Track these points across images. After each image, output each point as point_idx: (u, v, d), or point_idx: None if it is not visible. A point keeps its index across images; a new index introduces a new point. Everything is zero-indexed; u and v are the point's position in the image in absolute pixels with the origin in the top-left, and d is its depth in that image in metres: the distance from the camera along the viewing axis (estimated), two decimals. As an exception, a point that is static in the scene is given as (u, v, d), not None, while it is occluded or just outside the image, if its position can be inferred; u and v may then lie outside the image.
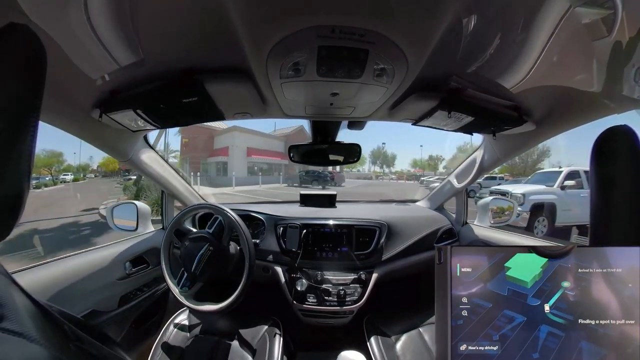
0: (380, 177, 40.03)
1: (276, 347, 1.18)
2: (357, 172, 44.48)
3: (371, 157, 48.40)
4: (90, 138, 1.06)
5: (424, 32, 0.59)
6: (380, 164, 47.15)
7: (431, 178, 22.83)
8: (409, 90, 0.88)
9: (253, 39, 0.63)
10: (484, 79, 0.82)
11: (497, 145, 1.32)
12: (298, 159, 1.42)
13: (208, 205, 1.29)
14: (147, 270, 1.40)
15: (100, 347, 0.42)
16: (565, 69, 0.71)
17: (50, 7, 0.53)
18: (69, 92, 0.81)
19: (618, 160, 0.48)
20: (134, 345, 1.30)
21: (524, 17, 0.57)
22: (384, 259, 1.42)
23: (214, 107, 0.94)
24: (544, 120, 0.99)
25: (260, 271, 1.42)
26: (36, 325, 0.33)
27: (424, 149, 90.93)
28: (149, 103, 0.86)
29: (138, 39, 0.64)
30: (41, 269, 1.01)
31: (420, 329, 1.28)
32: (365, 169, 48.30)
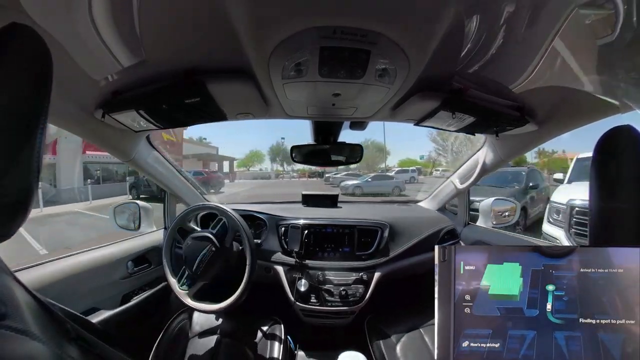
0: (281, 176, 34.86)
1: (277, 347, 1.18)
2: (260, 170, 39.61)
3: (270, 154, 40.59)
4: (93, 138, 1.07)
5: (425, 33, 0.59)
6: (281, 161, 38.99)
7: (339, 175, 20.12)
8: (411, 91, 0.88)
9: (255, 40, 0.63)
10: (486, 79, 0.82)
11: (500, 145, 1.32)
12: (300, 159, 1.42)
13: (210, 205, 1.29)
14: (149, 270, 1.40)
15: (102, 346, 0.43)
16: (568, 68, 0.70)
17: (53, 8, 0.53)
18: (72, 93, 0.82)
19: (621, 160, 0.47)
20: (135, 344, 1.31)
21: (527, 16, 0.57)
22: (386, 260, 1.42)
23: (216, 108, 0.94)
24: (547, 121, 0.98)
25: (262, 271, 1.42)
26: (38, 323, 0.33)
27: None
28: (152, 103, 0.86)
29: (141, 40, 0.64)
30: (44, 267, 1.02)
31: (421, 329, 1.28)
32: (265, 167, 41.73)
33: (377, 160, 32.66)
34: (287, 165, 36.93)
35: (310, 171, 30.22)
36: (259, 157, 42.35)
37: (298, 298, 1.31)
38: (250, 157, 42.09)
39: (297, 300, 1.31)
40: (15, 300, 0.33)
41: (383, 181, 15.45)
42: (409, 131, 60.88)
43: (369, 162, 30.09)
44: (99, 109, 0.88)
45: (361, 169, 24.82)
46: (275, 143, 42.38)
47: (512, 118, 0.97)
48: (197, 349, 1.16)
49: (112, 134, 1.07)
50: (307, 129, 1.35)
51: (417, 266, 1.51)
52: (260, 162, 42.47)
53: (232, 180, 25.00)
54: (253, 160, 42.19)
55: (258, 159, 42.42)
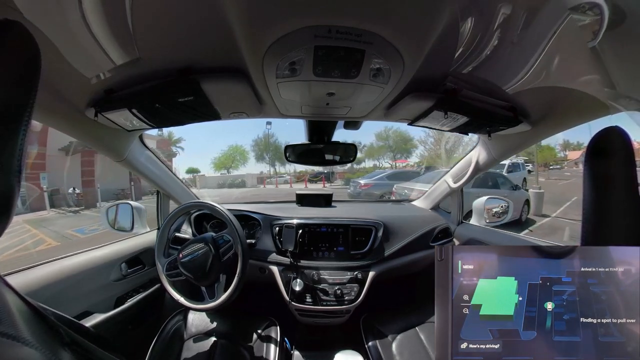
0: (267, 180, 27.55)
1: (273, 347, 1.18)
2: (227, 173, 31.13)
3: (255, 150, 32.49)
4: (85, 137, 1.05)
5: (420, 33, 0.60)
6: (271, 160, 30.85)
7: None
8: (405, 91, 0.88)
9: (250, 39, 0.62)
10: (480, 80, 0.83)
11: (493, 145, 1.33)
12: (294, 159, 1.42)
13: (200, 203, 1.28)
14: (143, 271, 1.39)
15: (96, 350, 0.42)
16: (560, 70, 0.71)
17: (44, 4, 0.52)
18: (63, 91, 0.80)
19: (613, 160, 0.49)
20: (130, 347, 1.29)
21: (521, 18, 0.58)
22: (380, 258, 1.43)
23: (210, 107, 0.93)
24: (540, 121, 1.00)
25: (257, 271, 1.42)
26: (30, 328, 0.32)
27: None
28: (145, 102, 0.85)
29: (134, 38, 0.63)
30: (35, 270, 1.00)
31: (417, 327, 1.29)
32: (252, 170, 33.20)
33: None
34: (281, 166, 31.11)
35: (312, 172, 24.50)
36: (242, 155, 32.31)
37: (293, 298, 1.31)
38: (229, 156, 31.99)
39: (293, 300, 1.31)
40: (6, 305, 0.32)
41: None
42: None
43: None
44: (91, 108, 0.86)
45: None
46: (261, 135, 32.53)
47: (505, 118, 0.98)
48: (193, 351, 1.15)
49: (105, 133, 1.06)
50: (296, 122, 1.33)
51: (412, 264, 1.52)
52: (245, 161, 32.75)
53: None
54: (234, 160, 32.02)
55: (241, 157, 32.37)
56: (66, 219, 11.31)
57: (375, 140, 31.07)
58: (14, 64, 0.33)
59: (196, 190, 1.85)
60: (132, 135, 1.20)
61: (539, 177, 10.95)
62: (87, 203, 13.60)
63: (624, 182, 0.48)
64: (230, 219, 1.17)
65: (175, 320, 1.29)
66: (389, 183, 8.96)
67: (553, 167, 27.12)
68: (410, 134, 29.65)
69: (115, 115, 0.91)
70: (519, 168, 10.55)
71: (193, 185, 20.40)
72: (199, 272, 1.11)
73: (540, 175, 12.45)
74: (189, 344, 1.19)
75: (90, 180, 14.76)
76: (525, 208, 7.05)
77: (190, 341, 1.20)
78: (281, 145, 21.85)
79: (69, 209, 12.88)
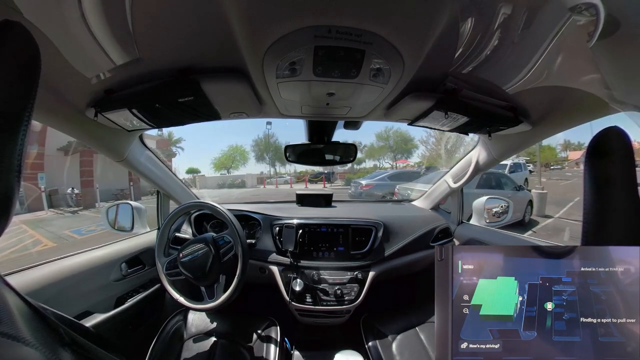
0: (267, 180, 27.69)
1: (273, 347, 1.18)
2: (227, 174, 31.15)
3: (255, 150, 32.74)
4: (85, 138, 1.05)
5: (420, 33, 0.60)
6: (271, 160, 31.68)
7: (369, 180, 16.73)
8: (405, 91, 0.88)
9: (250, 39, 0.62)
10: (480, 80, 0.83)
11: (493, 145, 1.33)
12: (294, 159, 1.42)
13: (201, 203, 1.28)
14: (143, 271, 1.39)
15: (96, 350, 0.42)
16: (560, 70, 0.71)
17: (44, 4, 0.52)
18: (63, 91, 0.80)
19: (613, 160, 0.49)
20: (130, 347, 1.29)
21: (521, 18, 0.58)
22: (380, 258, 1.43)
23: (210, 107, 0.93)
24: (540, 121, 1.00)
25: (257, 271, 1.42)
26: (30, 328, 0.32)
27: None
28: (145, 102, 0.85)
29: (134, 38, 0.63)
30: (36, 270, 1.00)
31: (417, 328, 1.29)
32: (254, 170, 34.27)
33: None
34: (281, 166, 31.69)
35: (313, 173, 24.85)
36: (242, 156, 32.61)
37: (293, 298, 1.31)
38: (229, 156, 32.22)
39: (293, 300, 1.31)
40: (6, 305, 0.32)
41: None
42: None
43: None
44: (91, 108, 0.86)
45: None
46: (261, 135, 32.87)
47: (505, 118, 0.98)
48: (193, 351, 1.15)
49: (105, 133, 1.06)
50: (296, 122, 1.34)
51: (412, 264, 1.52)
52: (245, 161, 33.06)
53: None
54: (234, 160, 32.32)
55: (241, 157, 32.68)
56: (64, 219, 11.30)
57: (376, 140, 31.12)
58: (14, 64, 0.33)
59: (196, 190, 1.85)
60: (132, 135, 1.20)
61: (541, 178, 10.96)
62: (86, 203, 13.60)
63: (624, 182, 0.48)
64: (230, 219, 1.17)
65: (175, 320, 1.29)
66: (390, 184, 8.93)
67: (554, 168, 27.27)
68: (411, 134, 29.74)
69: (115, 115, 0.91)
70: (521, 168, 10.56)
71: (193, 185, 19.96)
72: (199, 272, 1.11)
73: (541, 176, 12.49)
74: (189, 344, 1.19)
75: (89, 180, 14.73)
76: (528, 209, 7.02)
77: (190, 341, 1.20)
78: (281, 146, 21.92)
79: (67, 210, 12.89)
